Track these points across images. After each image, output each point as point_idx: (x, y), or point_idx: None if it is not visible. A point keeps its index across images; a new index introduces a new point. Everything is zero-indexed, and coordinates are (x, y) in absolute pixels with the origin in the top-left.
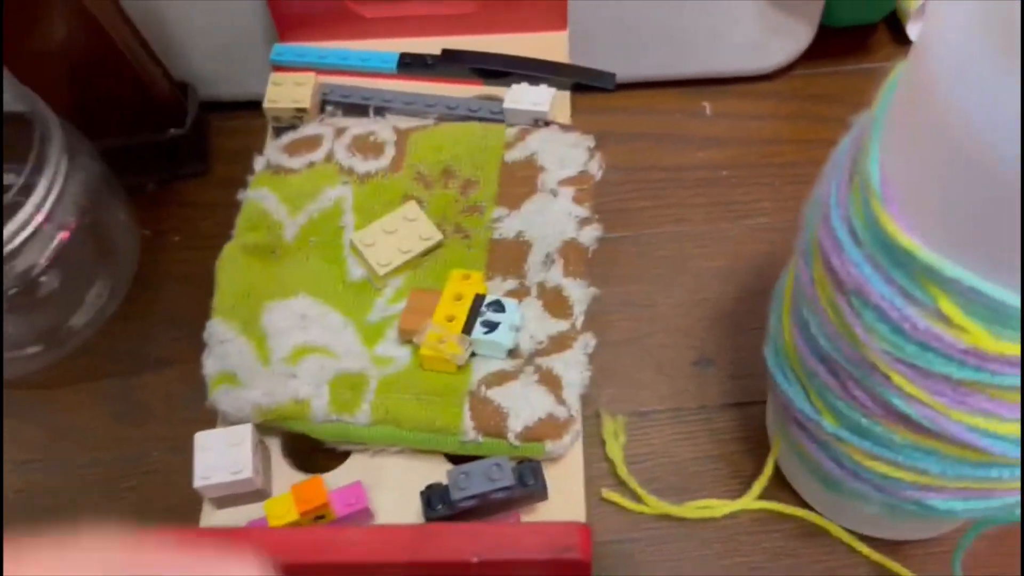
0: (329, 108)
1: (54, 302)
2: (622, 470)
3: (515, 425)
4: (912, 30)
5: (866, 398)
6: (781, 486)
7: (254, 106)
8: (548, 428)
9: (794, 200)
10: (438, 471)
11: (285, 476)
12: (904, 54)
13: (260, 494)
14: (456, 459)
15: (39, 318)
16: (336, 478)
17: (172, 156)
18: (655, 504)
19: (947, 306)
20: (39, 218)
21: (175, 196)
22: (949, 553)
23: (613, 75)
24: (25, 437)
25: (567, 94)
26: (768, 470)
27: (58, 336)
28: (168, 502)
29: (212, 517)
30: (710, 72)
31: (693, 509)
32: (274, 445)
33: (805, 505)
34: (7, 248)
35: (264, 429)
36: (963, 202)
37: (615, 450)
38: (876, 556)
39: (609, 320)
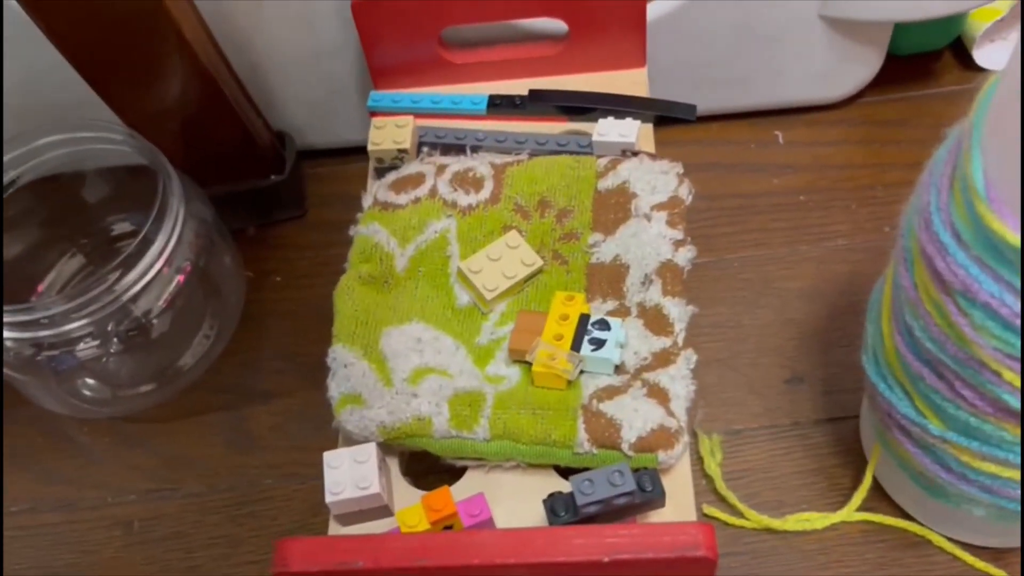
0: (425, 149)
1: (166, 342)
2: (721, 486)
3: (629, 436)
4: (978, 55)
5: (975, 397)
6: (880, 498)
7: (345, 153)
8: (660, 439)
9: (870, 221)
10: (550, 484)
11: (405, 493)
12: (970, 79)
13: (384, 510)
14: (564, 473)
15: (152, 358)
16: (457, 492)
17: (272, 201)
18: (756, 518)
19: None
20: (159, 263)
21: (274, 238)
22: None
23: (694, 107)
24: (146, 468)
25: (650, 126)
26: (867, 481)
27: (169, 374)
28: (285, 526)
29: (339, 532)
30: (781, 103)
31: (793, 522)
32: (393, 465)
33: (905, 515)
34: (131, 292)
35: (384, 449)
36: None
37: (712, 467)
38: (980, 564)
39: (698, 341)
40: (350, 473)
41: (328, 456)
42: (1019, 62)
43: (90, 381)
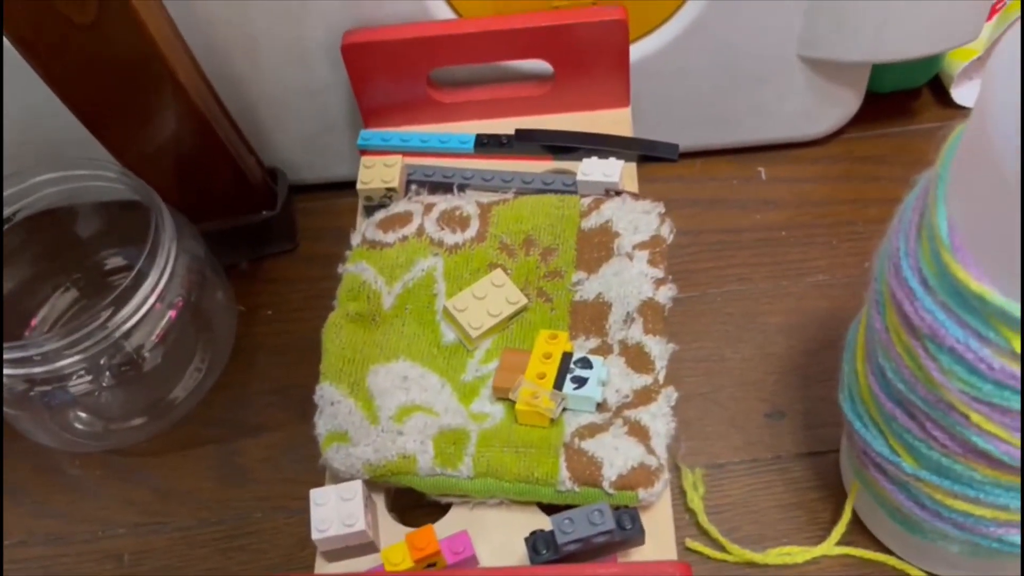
0: (414, 187)
1: (157, 377)
2: (703, 520)
3: (609, 474)
4: (956, 93)
5: (945, 437)
6: (860, 531)
7: (335, 187)
8: (640, 476)
9: (850, 257)
10: (533, 521)
11: (390, 529)
12: (948, 116)
13: (369, 547)
14: (548, 509)
15: (143, 392)
16: (441, 529)
17: (264, 236)
18: (738, 552)
19: (1021, 346)
20: (152, 299)
21: (266, 272)
22: None
23: (676, 146)
24: (136, 501)
25: (633, 165)
26: (846, 516)
27: (161, 408)
28: (274, 560)
29: (325, 569)
30: (763, 140)
31: (775, 556)
32: (379, 501)
33: (884, 549)
34: (124, 328)
35: (370, 486)
36: None
37: (696, 501)
38: None
39: (681, 375)
40: (336, 510)
41: (315, 493)
42: (982, 116)
43: (82, 415)
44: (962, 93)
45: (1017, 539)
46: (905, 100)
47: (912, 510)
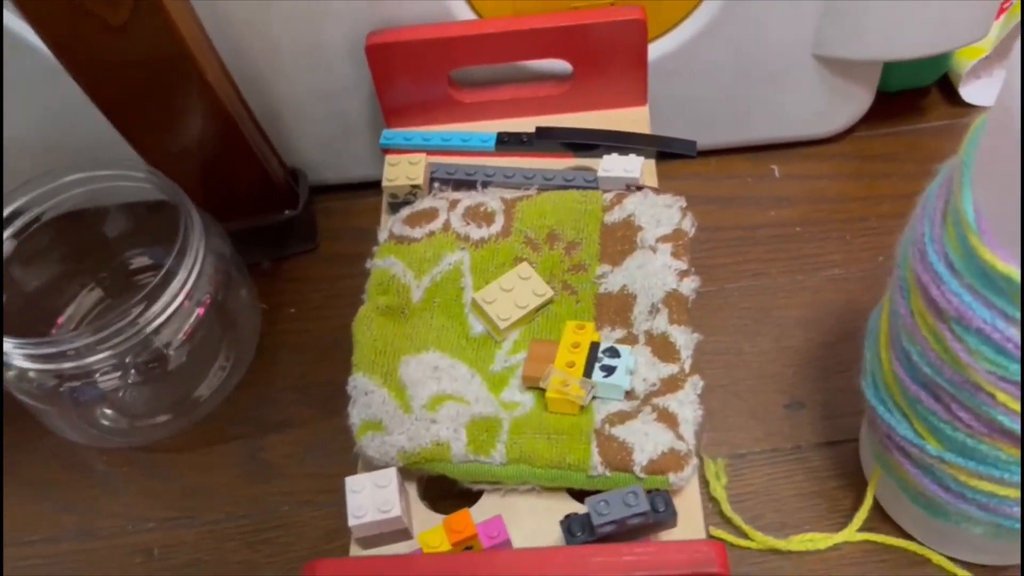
0: (437, 184)
1: (183, 374)
2: (726, 508)
3: (640, 459)
4: (964, 91)
5: (971, 418)
6: (882, 518)
7: (355, 188)
8: (670, 461)
9: (864, 251)
10: (564, 506)
11: (423, 517)
12: (957, 115)
13: (403, 533)
14: (577, 496)
15: (169, 389)
16: (475, 515)
17: (286, 235)
18: (761, 539)
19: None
20: (181, 297)
21: (288, 271)
22: None
23: (694, 143)
24: (164, 496)
25: (652, 162)
26: (868, 502)
27: (186, 405)
28: (301, 553)
29: (360, 555)
30: (777, 138)
31: (797, 543)
32: (411, 489)
33: (905, 535)
34: (154, 324)
35: (402, 474)
36: None
37: (718, 490)
38: None
39: (700, 368)
40: (372, 497)
41: (350, 481)
42: (1006, 102)
43: (108, 411)
44: (971, 91)
45: None
46: (915, 99)
47: (936, 493)
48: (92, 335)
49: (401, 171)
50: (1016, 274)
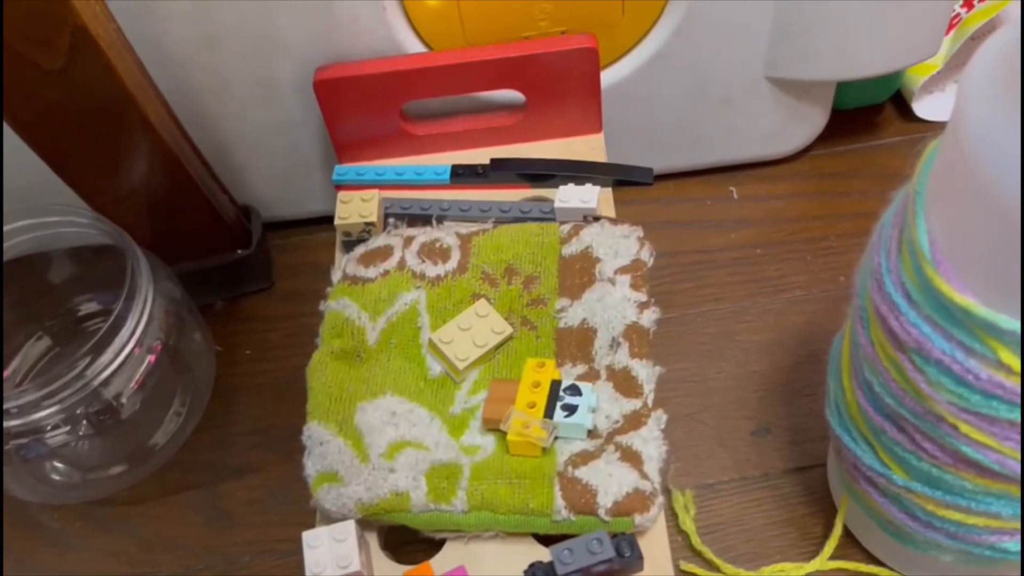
0: (392, 220)
1: (137, 423)
2: (696, 541)
3: (605, 501)
4: (917, 107)
5: (935, 449)
6: (852, 545)
7: (309, 223)
8: (635, 502)
9: (826, 271)
10: (530, 552)
11: (386, 568)
12: (911, 130)
13: None
14: (544, 540)
15: (123, 439)
16: (437, 565)
17: (239, 274)
18: (732, 572)
19: (1007, 356)
20: (131, 345)
21: (242, 311)
22: None
23: (650, 170)
24: (120, 552)
25: (609, 190)
26: (837, 530)
27: (141, 454)
28: None
29: None
30: (734, 160)
31: (768, 574)
32: (372, 539)
33: (877, 561)
34: (102, 376)
35: (362, 524)
36: (1009, 258)
37: (687, 523)
38: None
39: (664, 398)
40: (330, 552)
41: (307, 536)
42: (955, 133)
43: (59, 466)
44: (923, 107)
45: (1010, 545)
46: (869, 116)
47: (904, 522)
48: (38, 391)
49: (354, 208)
50: (973, 306)
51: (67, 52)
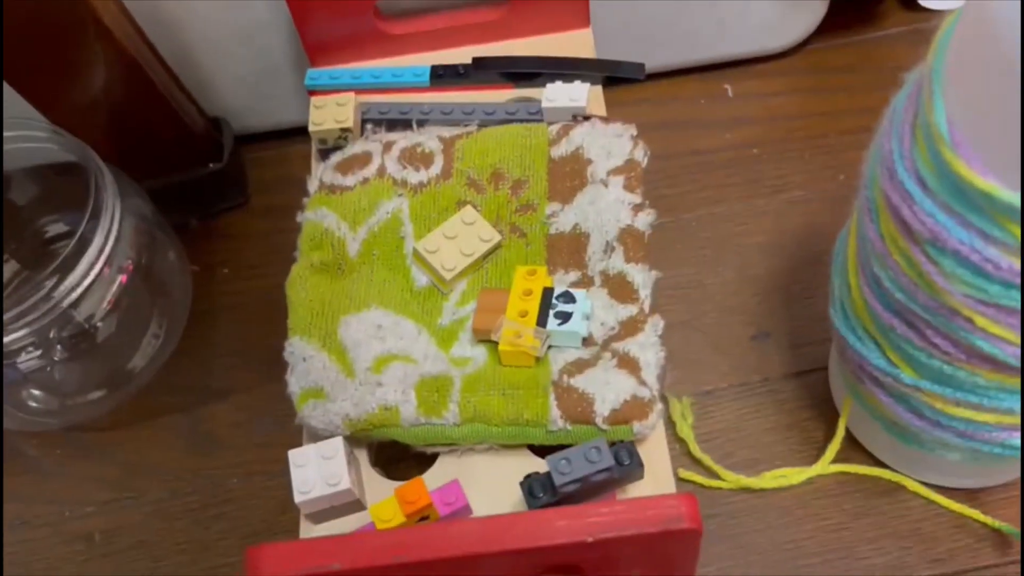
0: (369, 126)
1: (113, 346)
2: (695, 449)
3: (602, 409)
4: None
5: (947, 344)
6: (854, 447)
7: (284, 135)
8: (634, 409)
9: (825, 170)
10: (525, 463)
11: (377, 485)
12: (914, 20)
13: (356, 505)
14: (539, 451)
15: (99, 363)
16: (430, 480)
17: (212, 190)
18: (732, 478)
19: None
20: (99, 264)
21: (218, 229)
22: None
23: (642, 65)
24: (103, 477)
25: (599, 88)
26: (840, 433)
27: (119, 379)
28: (257, 526)
29: (311, 531)
30: (729, 55)
31: (769, 479)
32: (361, 456)
33: (879, 463)
34: (71, 297)
35: (351, 441)
36: None
37: (685, 430)
38: (955, 506)
39: (661, 304)
40: (318, 470)
41: (293, 454)
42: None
43: (36, 392)
44: None
45: (1019, 441)
46: (870, 6)
47: (911, 421)
48: (3, 313)
49: (328, 114)
50: (995, 190)
51: None
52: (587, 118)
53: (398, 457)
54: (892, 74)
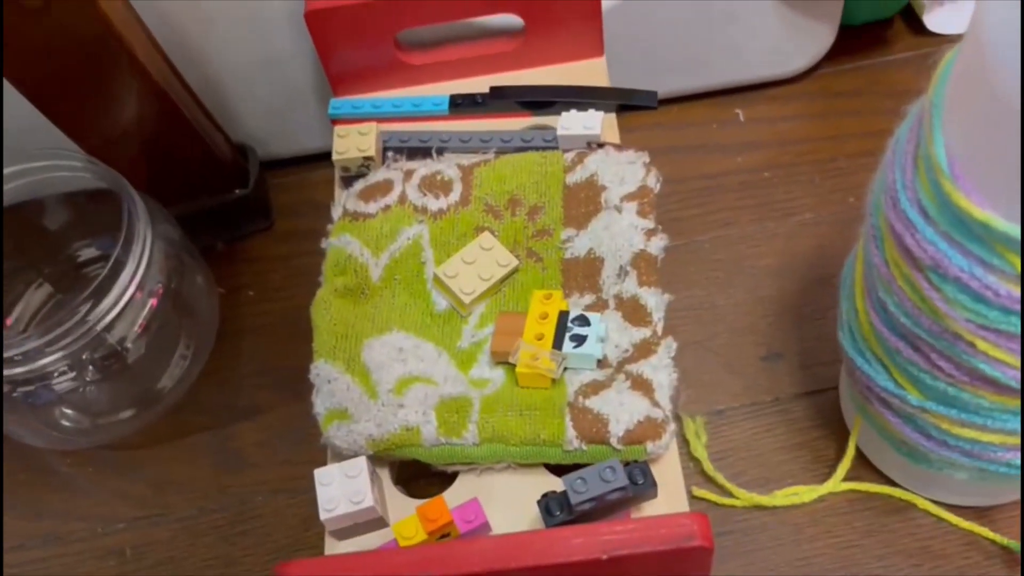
0: (390, 154)
1: (143, 367)
2: (708, 467)
3: (616, 430)
4: (928, 20)
5: (951, 367)
6: (864, 466)
7: (307, 160)
8: (647, 430)
9: (835, 193)
10: (542, 482)
11: (398, 503)
12: (922, 45)
13: (379, 522)
14: (556, 470)
15: (130, 384)
16: (450, 498)
17: (238, 215)
18: (745, 496)
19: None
20: (132, 289)
21: (243, 252)
22: None
23: (655, 93)
24: (132, 495)
25: (613, 116)
26: (850, 452)
27: (149, 399)
28: (281, 542)
29: (336, 548)
30: (740, 81)
31: (782, 497)
32: (384, 475)
33: (889, 482)
34: (105, 321)
35: (374, 460)
36: None
37: (699, 449)
38: (965, 524)
39: (674, 325)
40: (342, 488)
41: (319, 473)
42: (976, 40)
43: (68, 411)
44: (935, 19)
45: None
46: (878, 31)
47: (919, 441)
48: (40, 337)
49: (351, 143)
50: (993, 220)
51: None
52: (601, 145)
53: (419, 474)
54: (900, 99)
